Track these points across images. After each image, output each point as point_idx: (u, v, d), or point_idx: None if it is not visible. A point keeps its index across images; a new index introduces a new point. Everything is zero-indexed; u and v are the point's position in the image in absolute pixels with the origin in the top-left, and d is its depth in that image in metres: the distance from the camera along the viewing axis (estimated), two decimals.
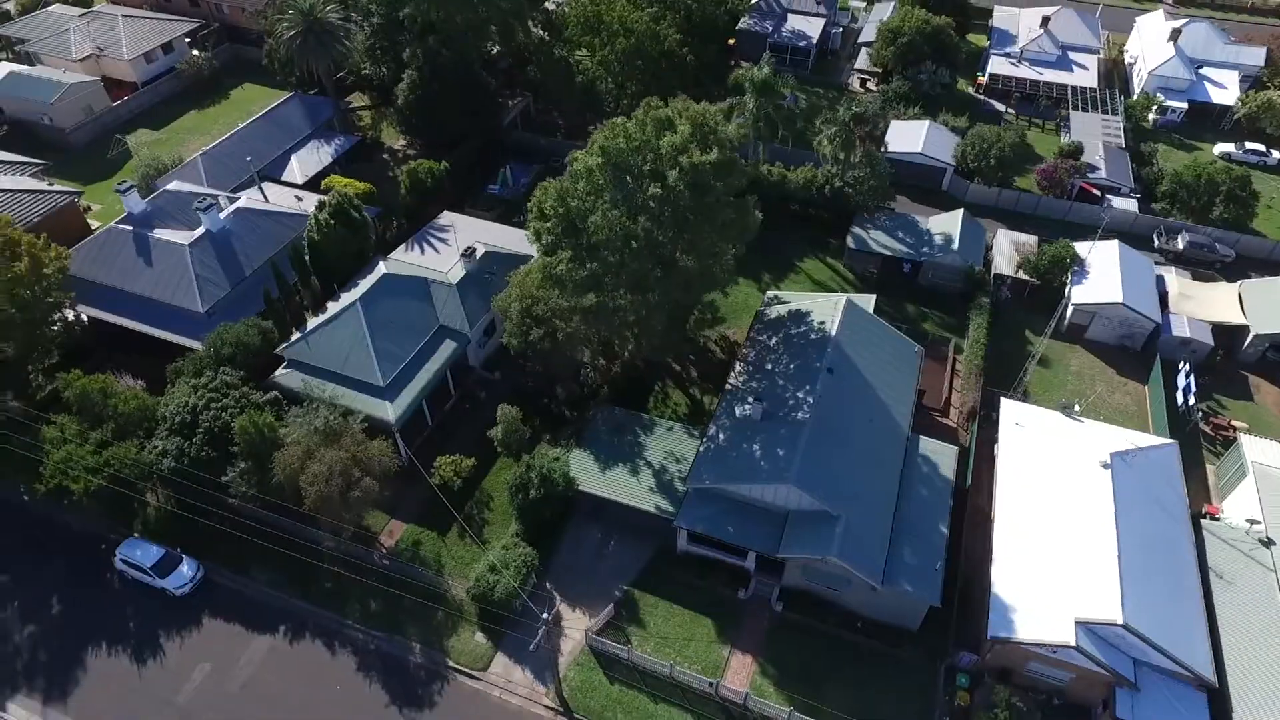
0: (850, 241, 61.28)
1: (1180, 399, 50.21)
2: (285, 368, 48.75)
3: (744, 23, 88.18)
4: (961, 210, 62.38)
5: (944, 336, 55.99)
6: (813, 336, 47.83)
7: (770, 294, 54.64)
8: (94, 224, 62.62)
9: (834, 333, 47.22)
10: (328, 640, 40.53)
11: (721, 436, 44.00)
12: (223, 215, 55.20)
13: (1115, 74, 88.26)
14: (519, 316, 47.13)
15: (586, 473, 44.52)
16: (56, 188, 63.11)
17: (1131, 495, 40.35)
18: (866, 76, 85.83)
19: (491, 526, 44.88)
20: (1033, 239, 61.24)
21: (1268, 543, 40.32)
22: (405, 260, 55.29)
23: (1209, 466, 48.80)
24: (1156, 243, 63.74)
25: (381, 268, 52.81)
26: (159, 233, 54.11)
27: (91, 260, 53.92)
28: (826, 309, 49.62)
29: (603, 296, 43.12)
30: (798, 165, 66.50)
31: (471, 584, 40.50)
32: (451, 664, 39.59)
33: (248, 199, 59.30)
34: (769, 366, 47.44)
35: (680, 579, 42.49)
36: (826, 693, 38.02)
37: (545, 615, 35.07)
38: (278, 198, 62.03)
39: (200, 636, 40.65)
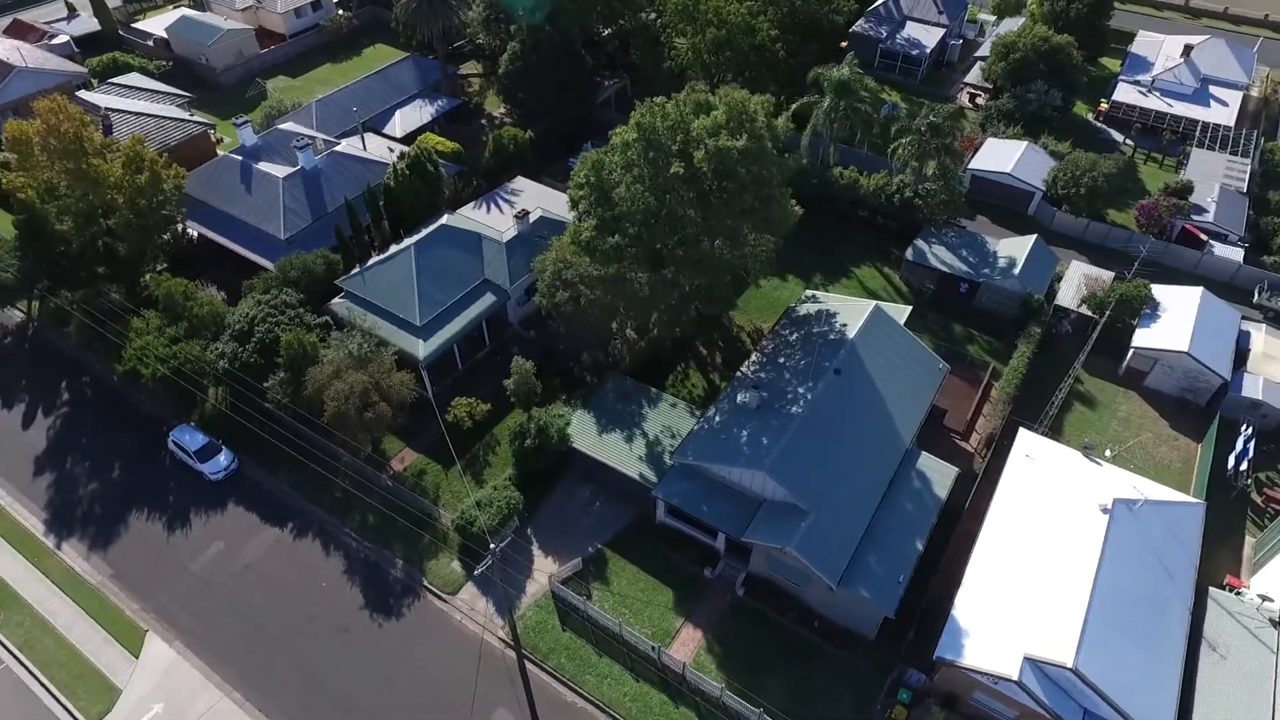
0: (909, 254, 59.90)
1: (1232, 462, 46.51)
2: (341, 297, 53.47)
3: (859, 26, 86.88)
4: (1034, 236, 59.68)
5: (984, 361, 53.95)
6: (831, 337, 47.61)
7: (808, 292, 54.54)
8: (221, 154, 70.20)
9: (852, 336, 46.87)
10: (326, 542, 44.64)
11: (717, 419, 44.77)
12: (317, 156, 60.82)
13: (1264, 114, 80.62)
14: (550, 278, 49.55)
15: (584, 433, 46.52)
16: (195, 119, 71.30)
17: (1127, 546, 38.11)
18: (976, 91, 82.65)
19: (491, 469, 47.67)
20: (1108, 275, 57.70)
21: (1278, 624, 37.03)
22: (469, 216, 58.93)
23: (1249, 538, 44.96)
24: (1256, 298, 58.46)
25: (444, 219, 56.67)
26: (262, 165, 60.36)
27: (204, 183, 60.90)
28: (854, 313, 49.21)
29: (622, 267, 44.89)
30: (874, 171, 65.39)
31: (456, 515, 43.42)
32: (426, 583, 42.74)
33: (347, 145, 64.92)
34: (781, 360, 47.62)
35: (653, 547, 43.78)
36: (767, 683, 38.37)
37: (494, 546, 37.37)
38: (375, 148, 67.36)
39: (221, 518, 45.78)
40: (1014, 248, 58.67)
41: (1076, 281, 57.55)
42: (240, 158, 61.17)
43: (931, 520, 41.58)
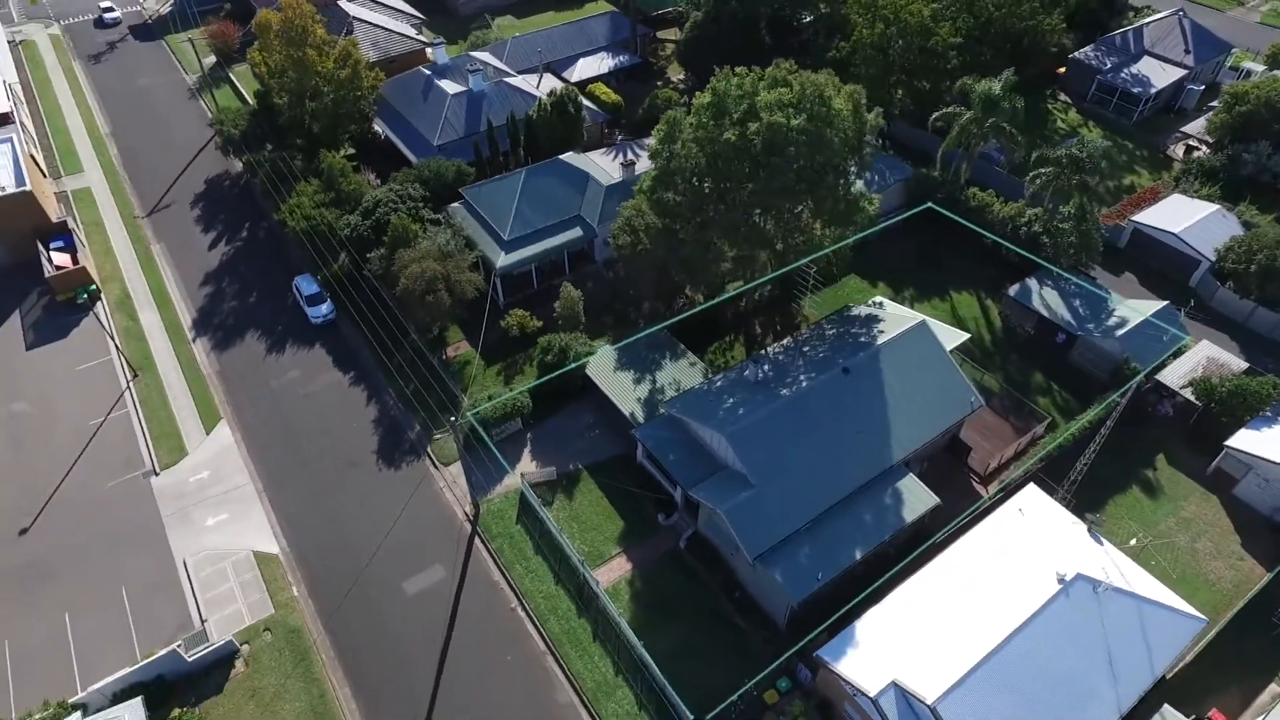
0: (1013, 290, 55.93)
1: None
2: (457, 203, 60.84)
3: (1082, 52, 79.72)
4: (1165, 303, 53.21)
5: (1045, 415, 49.62)
6: (863, 339, 46.79)
7: (875, 299, 53.29)
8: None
9: (879, 343, 45.80)
10: (370, 395, 52.31)
11: (718, 383, 46.18)
12: (485, 82, 68.68)
13: None
14: (623, 222, 53.16)
15: (602, 366, 50.01)
16: (419, 38, 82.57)
17: (1069, 623, 34.85)
18: (1197, 145, 72.84)
19: (523, 377, 52.61)
20: (1239, 364, 50.14)
21: None
22: (593, 158, 63.88)
23: (1276, 686, 38.49)
24: None
25: (564, 155, 62.04)
26: (441, 81, 69.35)
27: (397, 88, 71.23)
28: (900, 324, 47.78)
29: (669, 223, 47.39)
30: (1014, 198, 61.20)
31: (470, 402, 49.06)
32: (429, 450, 48.93)
33: (522, 80, 72.32)
34: (806, 349, 47.67)
35: (623, 482, 46.51)
36: (667, 629, 40.13)
37: (453, 419, 42.30)
38: (549, 86, 74.14)
39: (306, 353, 55.15)
40: (1135, 309, 52.74)
41: (1195, 362, 50.61)
42: (429, 73, 70.64)
43: (882, 537, 40.42)
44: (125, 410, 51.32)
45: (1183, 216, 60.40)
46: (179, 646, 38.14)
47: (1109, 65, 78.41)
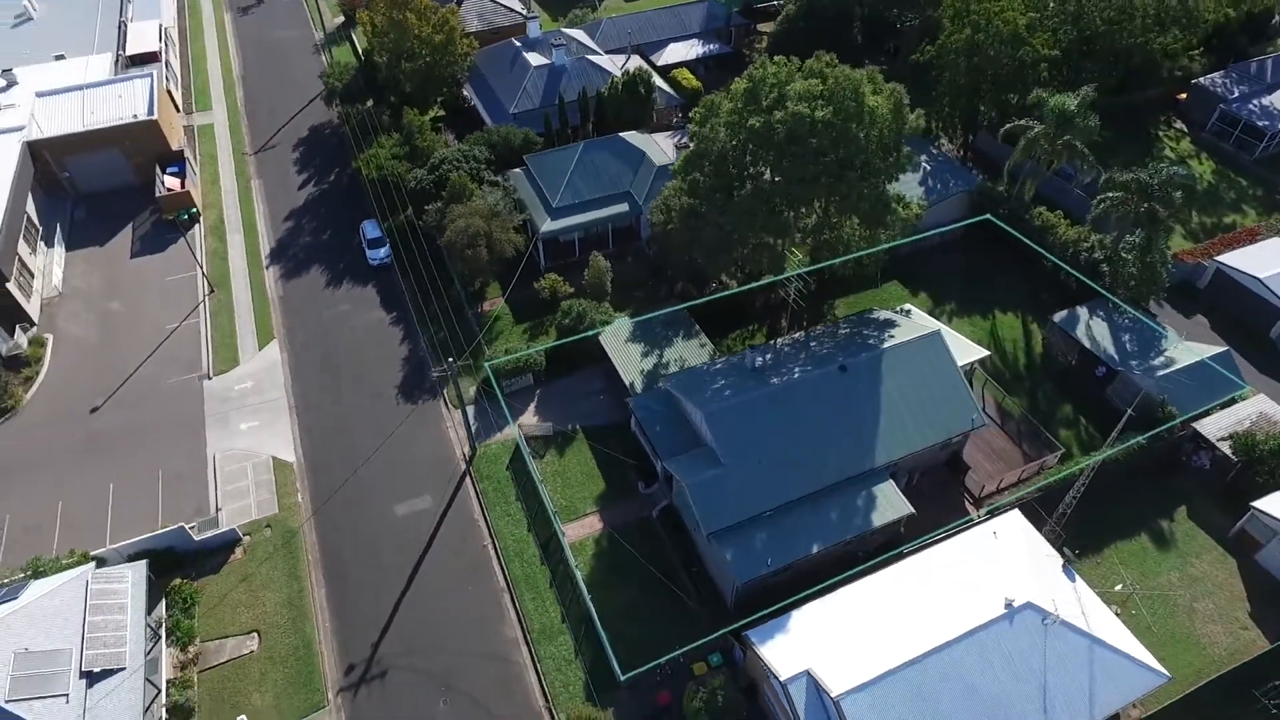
0: (1059, 316, 53.29)
1: None
2: (519, 169, 63.84)
3: (1207, 78, 73.88)
4: (1225, 349, 49.47)
5: (1060, 447, 47.26)
6: (870, 341, 46.23)
7: (904, 306, 52.26)
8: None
9: (885, 347, 45.16)
10: (405, 337, 56.15)
11: (718, 366, 46.98)
12: (567, 57, 71.33)
13: None
14: (661, 201, 54.48)
15: (615, 335, 51.68)
16: (524, 13, 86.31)
17: (1007, 648, 33.74)
18: None
19: (546, 337, 55.02)
20: None
21: None
22: (654, 138, 65.37)
23: None
24: None
25: (625, 133, 63.83)
26: (528, 54, 72.58)
27: (488, 57, 75.14)
28: (914, 330, 46.89)
29: (694, 204, 48.37)
30: (1082, 222, 58.08)
31: (489, 353, 51.98)
32: (444, 392, 52.22)
33: (607, 59, 74.57)
34: (814, 344, 47.62)
35: (615, 447, 48.07)
36: (622, 590, 41.58)
37: (451, 360, 45.13)
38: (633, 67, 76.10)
39: (359, 291, 59.77)
40: (1189, 352, 49.26)
41: (1245, 415, 46.74)
42: (518, 44, 74.05)
43: (844, 536, 40.24)
44: (196, 320, 57.47)
45: (1274, 262, 55.46)
46: (192, 527, 43.07)
47: (1236, 94, 72.29)
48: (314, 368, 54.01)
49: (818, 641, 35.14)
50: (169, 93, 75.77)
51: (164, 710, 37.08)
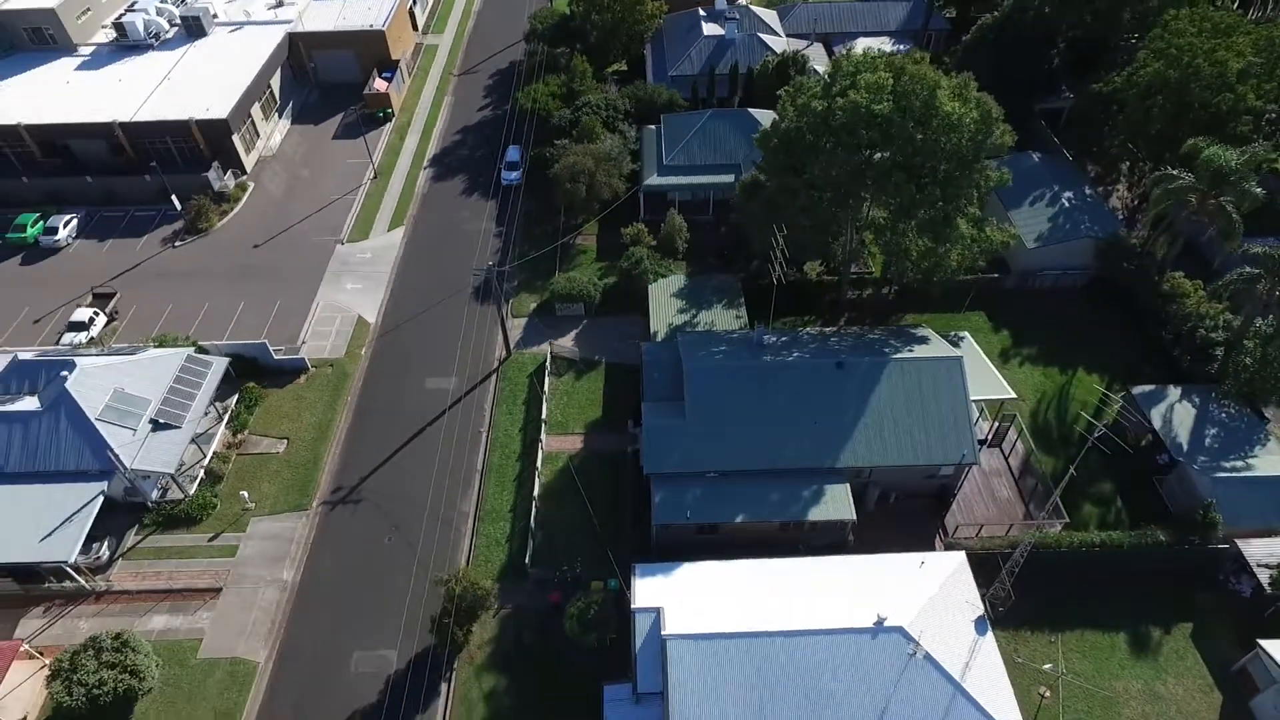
0: (1138, 390, 47.66)
1: None
2: (654, 126, 67.67)
3: None
4: None
5: (1066, 519, 43.01)
6: (886, 350, 45.07)
7: (961, 333, 49.79)
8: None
9: (894, 357, 43.94)
10: (503, 249, 62.81)
11: (734, 334, 48.39)
12: (739, 32, 73.47)
13: None
14: (749, 178, 55.87)
15: (663, 290, 54.46)
16: None
17: (861, 661, 32.97)
18: None
19: (611, 277, 58.83)
20: None
21: None
22: None
23: None
24: None
25: (755, 110, 65.22)
26: (707, 23, 75.68)
27: (672, 21, 79.23)
28: (938, 348, 45.05)
29: (759, 176, 49.56)
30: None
31: (557, 277, 57.17)
32: (510, 301, 58.22)
33: (785, 41, 75.68)
34: (833, 340, 47.32)
35: (627, 386, 51.25)
36: (570, 503, 45.19)
37: (491, 264, 50.50)
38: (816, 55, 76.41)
39: (481, 203, 67.52)
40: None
41: None
42: (703, 14, 77.25)
43: (773, 518, 40.70)
44: (354, 197, 68.45)
45: None
46: (278, 349, 53.07)
47: None
48: (420, 256, 62.46)
49: (689, 592, 36.57)
50: (411, 12, 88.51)
51: (202, 470, 47.04)
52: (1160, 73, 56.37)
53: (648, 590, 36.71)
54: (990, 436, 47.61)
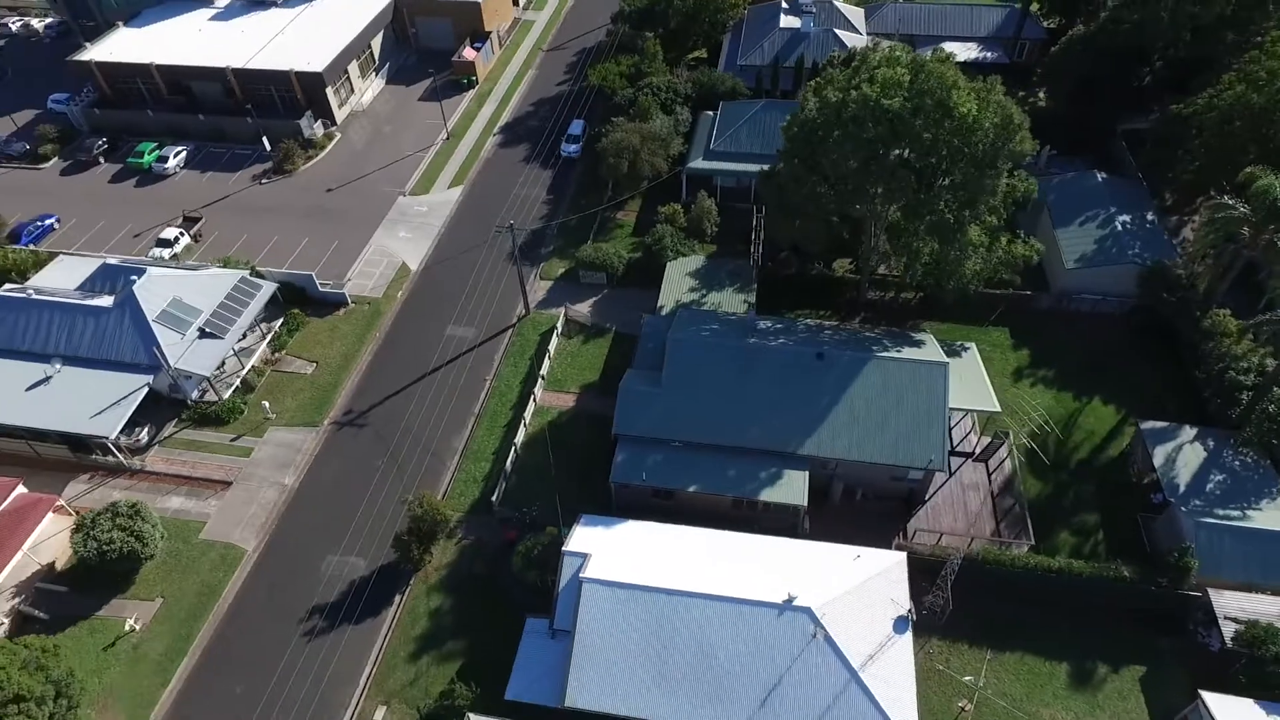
0: (1146, 425, 45.19)
1: None
2: (711, 112, 68.73)
3: None
4: None
5: (1032, 542, 41.66)
6: (874, 348, 44.91)
7: (967, 344, 48.79)
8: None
9: (879, 355, 43.82)
10: (549, 215, 65.78)
11: (731, 316, 49.40)
12: (814, 26, 73.25)
13: None
14: (771, 167, 56.20)
15: (679, 267, 55.81)
16: None
17: (761, 634, 33.93)
18: None
19: (638, 252, 60.73)
20: None
21: None
22: None
23: None
24: None
25: None
26: (785, 16, 75.84)
27: (755, 12, 79.75)
28: (931, 351, 44.56)
29: (781, 173, 50.09)
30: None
31: (586, 247, 59.61)
32: (542, 264, 61.17)
33: (859, 38, 74.85)
34: (827, 332, 47.70)
35: (631, 353, 52.93)
36: (544, 454, 47.43)
37: (511, 222, 53.25)
38: None
39: (538, 171, 70.63)
40: None
41: None
42: (785, 6, 77.29)
43: (725, 491, 41.65)
44: (424, 154, 73.24)
45: None
46: (326, 283, 58.16)
47: None
48: (472, 213, 66.36)
49: (623, 546, 38.33)
50: None
51: (239, 379, 52.53)
52: (1242, 96, 52.64)
53: (584, 538, 38.71)
54: (977, 451, 46.51)
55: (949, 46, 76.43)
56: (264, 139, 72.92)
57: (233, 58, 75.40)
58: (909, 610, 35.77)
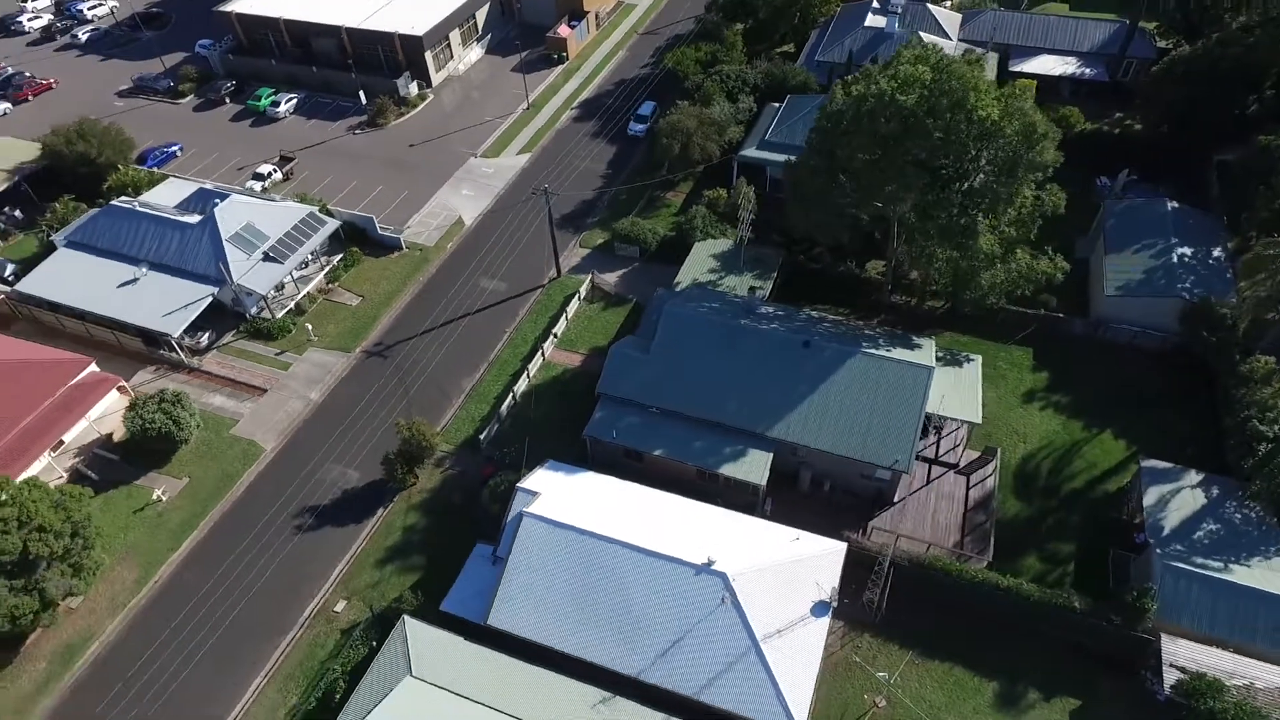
0: (1146, 463, 42.98)
1: None
2: (778, 104, 69.17)
3: None
4: None
5: (988, 558, 40.72)
6: (864, 344, 44.91)
7: (972, 356, 47.77)
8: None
9: (865, 350, 43.88)
10: (602, 186, 68.38)
11: (734, 297, 50.46)
12: (898, 27, 72.05)
13: None
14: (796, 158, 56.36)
15: (705, 249, 57.09)
16: None
17: (676, 590, 35.43)
18: None
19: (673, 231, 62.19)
20: None
21: None
22: None
23: None
24: None
25: None
26: (872, 15, 74.93)
27: (847, 9, 79.10)
28: (923, 355, 44.21)
29: (802, 168, 50.48)
30: None
31: (626, 220, 61.92)
32: (582, 234, 63.95)
33: (941, 41, 72.97)
34: (826, 325, 48.02)
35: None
36: (541, 407, 50.43)
37: (545, 186, 56.06)
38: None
39: (604, 146, 73.29)
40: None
41: (1242, 672, 34.62)
42: (876, 5, 76.26)
43: (690, 461, 43.00)
44: (503, 121, 77.51)
45: None
46: (386, 228, 63.30)
47: None
48: (531, 181, 69.53)
49: (576, 491, 40.61)
50: None
51: (294, 303, 58.30)
52: None
53: (542, 479, 41.24)
54: (961, 464, 45.60)
55: (1042, 59, 73.92)
56: (361, 94, 79.26)
57: (349, 18, 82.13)
58: (831, 596, 36.18)
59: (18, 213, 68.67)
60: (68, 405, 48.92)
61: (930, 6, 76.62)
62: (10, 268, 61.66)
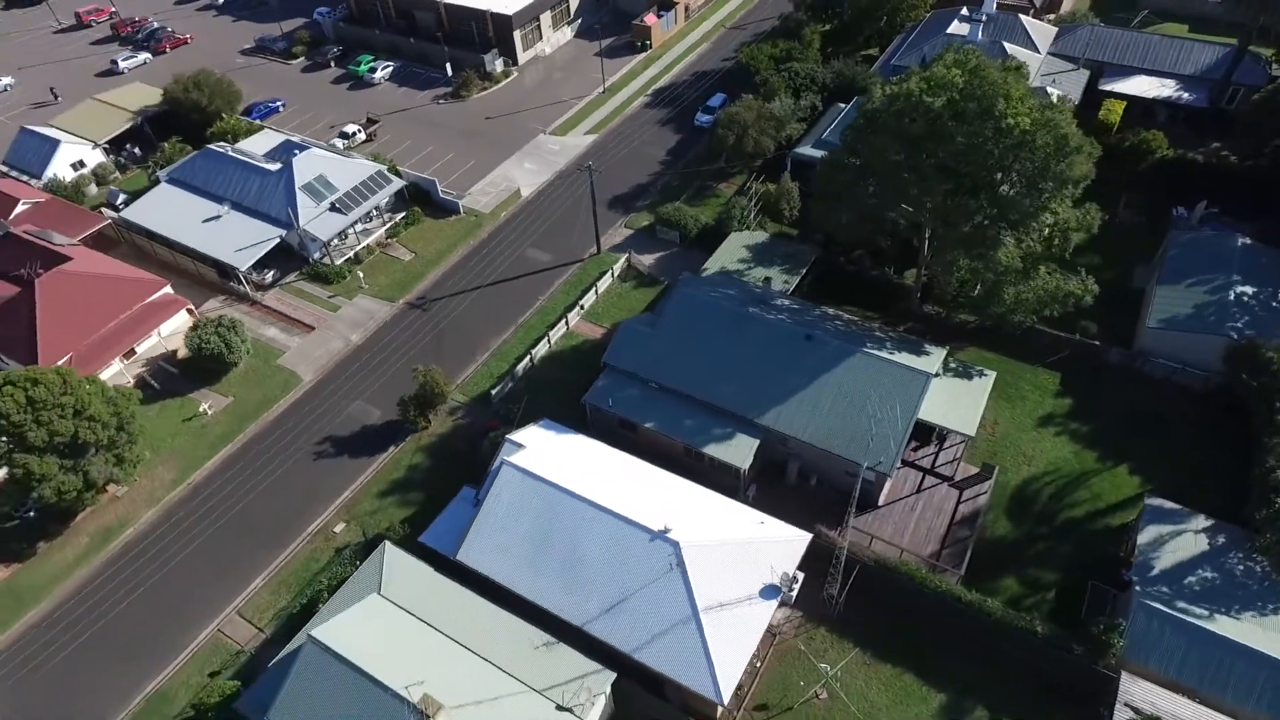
0: (1153, 501, 41.06)
1: None
2: (845, 104, 68.74)
3: None
4: None
5: (959, 574, 39.96)
6: (870, 345, 44.73)
7: (987, 371, 46.70)
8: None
9: (868, 350, 43.79)
10: (656, 176, 69.84)
11: (756, 286, 51.06)
12: (980, 35, 70.11)
13: None
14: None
15: (740, 239, 57.70)
16: None
17: (626, 552, 36.77)
18: None
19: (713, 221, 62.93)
20: None
21: None
22: None
23: None
24: None
25: None
26: (957, 22, 73.15)
27: (933, 18, 77.33)
28: (927, 362, 43.72)
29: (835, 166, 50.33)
30: None
31: (671, 206, 63.28)
32: (629, 216, 65.67)
33: (1032, 55, 70.49)
34: (837, 324, 47.85)
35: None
36: (556, 372, 52.59)
37: (590, 164, 57.88)
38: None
39: (668, 135, 74.71)
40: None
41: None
42: (964, 12, 74.28)
43: (677, 439, 44.17)
44: (577, 102, 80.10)
45: None
46: (449, 193, 67.02)
47: None
48: (593, 160, 71.84)
49: (561, 450, 42.49)
50: None
51: (353, 252, 62.72)
52: None
53: (531, 435, 43.34)
54: (956, 477, 44.73)
55: (1138, 79, 70.39)
56: (448, 66, 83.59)
57: None
58: (784, 581, 36.64)
59: (138, 150, 76.49)
60: (142, 320, 54.71)
61: (1023, 18, 74.03)
62: (122, 197, 68.93)
